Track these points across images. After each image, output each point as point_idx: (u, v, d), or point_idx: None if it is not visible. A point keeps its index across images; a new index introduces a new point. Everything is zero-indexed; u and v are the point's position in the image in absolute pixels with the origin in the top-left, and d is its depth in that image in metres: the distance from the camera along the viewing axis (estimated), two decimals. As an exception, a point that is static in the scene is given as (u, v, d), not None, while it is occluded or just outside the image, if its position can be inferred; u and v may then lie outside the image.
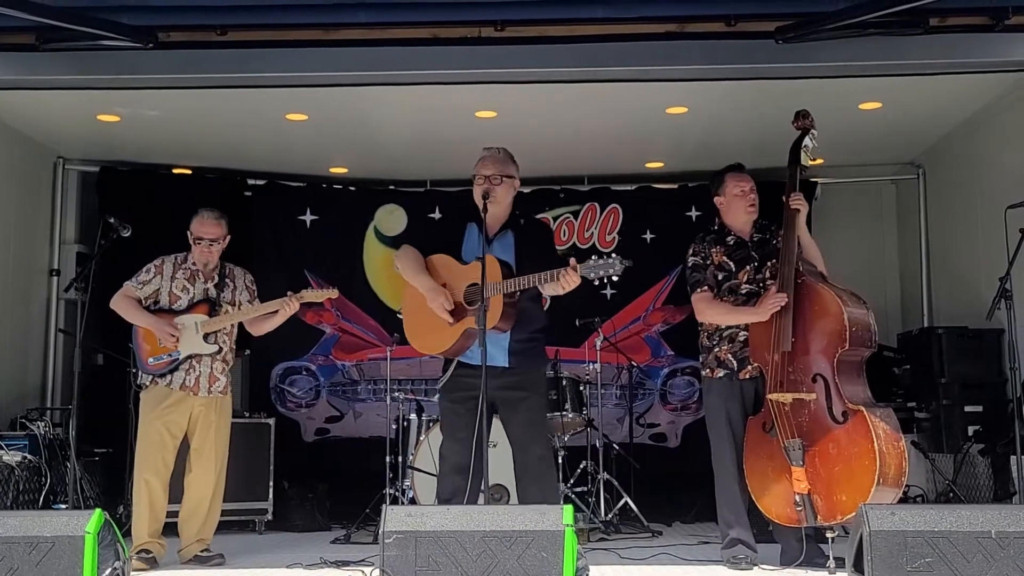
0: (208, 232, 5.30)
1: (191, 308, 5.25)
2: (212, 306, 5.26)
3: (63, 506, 5.98)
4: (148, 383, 5.22)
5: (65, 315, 7.61)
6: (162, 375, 5.17)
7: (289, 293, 5.15)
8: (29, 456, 6.11)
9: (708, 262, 5.04)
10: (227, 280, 5.38)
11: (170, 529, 5.26)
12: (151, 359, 5.19)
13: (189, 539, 5.22)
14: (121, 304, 5.21)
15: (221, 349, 5.26)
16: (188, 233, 5.33)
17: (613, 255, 4.17)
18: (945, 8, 5.25)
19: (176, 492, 5.25)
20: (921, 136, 7.51)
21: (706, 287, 5.00)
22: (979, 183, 7.03)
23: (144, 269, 5.31)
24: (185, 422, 5.21)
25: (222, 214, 5.41)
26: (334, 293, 5.24)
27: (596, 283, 4.22)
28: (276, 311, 5.21)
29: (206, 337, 5.20)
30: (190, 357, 5.18)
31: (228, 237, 5.39)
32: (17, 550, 3.69)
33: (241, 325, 5.40)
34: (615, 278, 4.17)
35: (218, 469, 5.28)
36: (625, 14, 5.40)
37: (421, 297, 4.58)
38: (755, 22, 5.39)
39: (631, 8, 5.39)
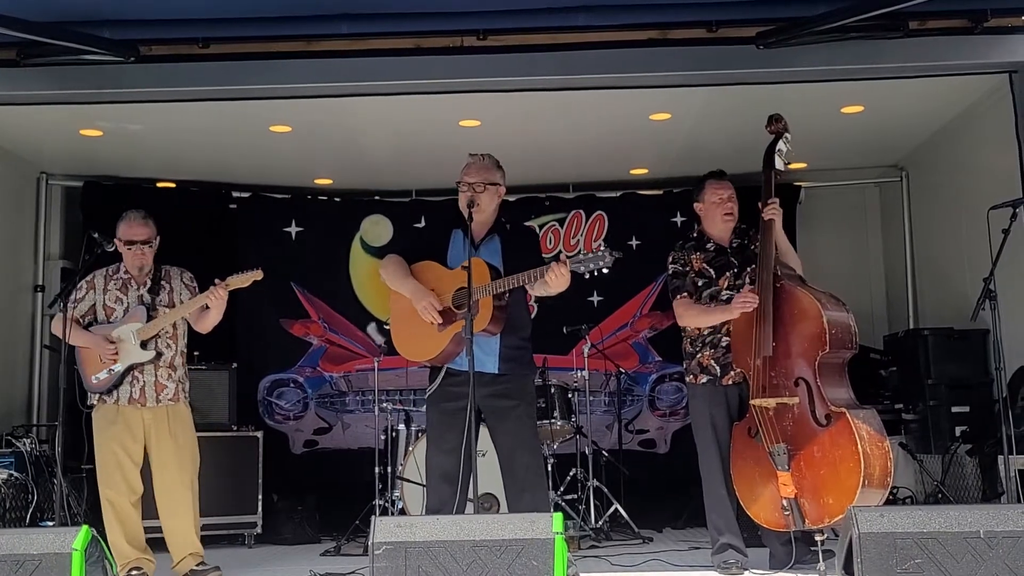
0: (137, 234, 5.16)
1: (127, 318, 5.13)
2: (147, 312, 5.12)
3: (50, 523, 5.94)
4: (96, 402, 5.13)
5: (50, 331, 7.57)
6: (108, 392, 5.08)
7: (216, 281, 5.00)
8: (15, 473, 6.07)
9: (687, 269, 5.06)
10: (162, 283, 5.24)
11: (161, 545, 5.23)
12: (94, 377, 5.09)
13: (181, 553, 5.16)
14: (58, 327, 5.04)
15: (162, 354, 5.12)
16: (116, 240, 5.16)
17: (602, 248, 4.13)
18: (924, 11, 5.30)
19: (149, 508, 5.17)
20: (904, 139, 7.55)
21: (685, 293, 5.03)
22: (962, 185, 7.07)
23: (76, 287, 5.18)
24: (140, 436, 5.10)
25: (148, 215, 5.26)
26: (259, 274, 5.01)
27: (587, 276, 4.19)
28: (209, 305, 5.05)
29: (144, 344, 5.08)
30: (131, 368, 5.07)
31: (159, 237, 5.25)
32: (3, 568, 3.66)
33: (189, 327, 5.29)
34: (605, 270, 4.12)
35: (188, 480, 5.15)
36: (607, 22, 5.42)
37: (408, 305, 4.56)
38: (736, 28, 5.42)
39: (613, 16, 5.41)
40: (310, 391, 8.21)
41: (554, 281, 4.17)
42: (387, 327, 4.92)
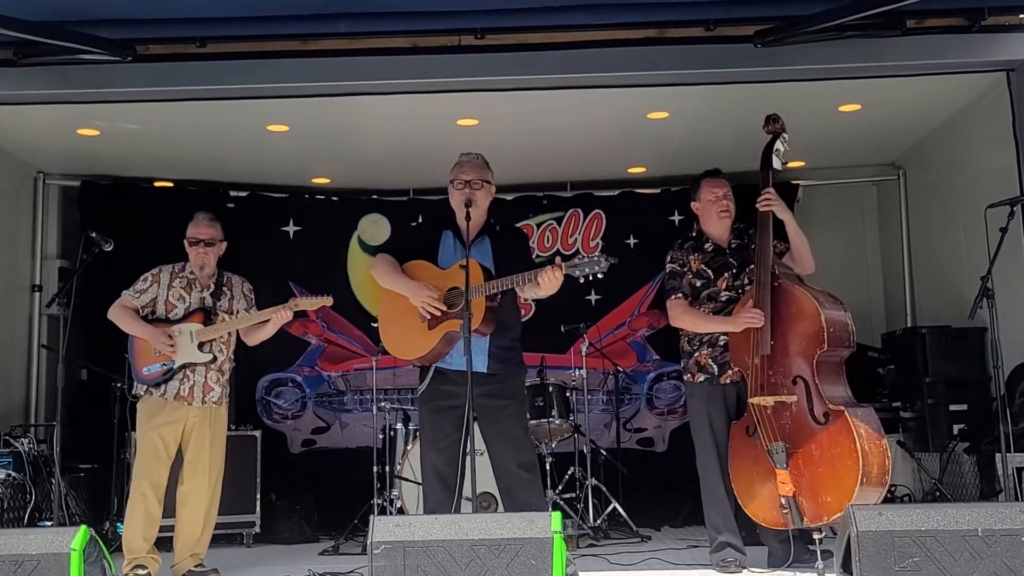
0: (201, 233, 5.27)
1: (187, 317, 5.20)
2: (208, 315, 5.22)
3: (48, 523, 5.93)
4: (143, 393, 5.19)
5: (48, 331, 7.57)
6: (156, 385, 5.13)
7: (292, 299, 5.12)
8: (13, 473, 6.06)
9: (685, 269, 5.06)
10: (224, 288, 5.35)
11: (163, 543, 5.23)
12: (145, 368, 5.16)
13: (183, 554, 5.19)
14: (118, 314, 5.18)
15: (216, 358, 5.20)
16: (185, 241, 5.29)
17: (598, 253, 4.14)
18: (922, 10, 5.30)
19: (169, 505, 5.20)
20: (901, 137, 7.55)
21: (680, 294, 5.02)
22: (959, 183, 7.07)
23: (141, 278, 5.28)
24: (179, 433, 5.17)
25: (216, 217, 5.37)
26: (328, 301, 5.13)
27: (582, 281, 4.17)
28: (268, 319, 5.16)
29: (201, 346, 5.17)
30: (184, 366, 5.14)
31: (224, 242, 5.36)
32: (2, 568, 3.66)
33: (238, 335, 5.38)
34: (600, 275, 4.12)
35: (212, 483, 5.24)
36: (605, 20, 5.42)
37: (398, 303, 4.54)
38: (734, 26, 5.43)
39: (611, 15, 5.41)
40: (308, 390, 8.21)
41: (546, 283, 4.15)
42: (375, 325, 4.91)
